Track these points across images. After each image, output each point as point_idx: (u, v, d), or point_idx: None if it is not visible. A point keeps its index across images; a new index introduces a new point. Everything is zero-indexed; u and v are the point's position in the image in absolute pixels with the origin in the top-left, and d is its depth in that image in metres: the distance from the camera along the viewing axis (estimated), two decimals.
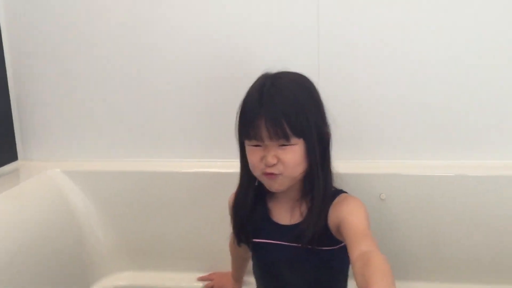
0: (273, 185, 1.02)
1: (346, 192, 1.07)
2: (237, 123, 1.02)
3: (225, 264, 1.36)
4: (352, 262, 0.83)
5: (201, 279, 1.42)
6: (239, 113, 1.01)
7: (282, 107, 0.96)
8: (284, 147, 0.98)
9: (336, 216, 0.99)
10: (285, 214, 1.08)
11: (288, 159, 0.98)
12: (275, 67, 1.03)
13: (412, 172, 1.30)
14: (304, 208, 1.05)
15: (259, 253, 1.12)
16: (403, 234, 1.32)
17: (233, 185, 1.11)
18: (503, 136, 1.32)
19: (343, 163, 1.17)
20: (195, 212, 1.42)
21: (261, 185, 1.07)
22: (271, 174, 0.99)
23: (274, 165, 0.98)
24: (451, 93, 1.31)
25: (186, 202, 1.42)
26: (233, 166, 1.11)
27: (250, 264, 1.24)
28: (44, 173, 1.43)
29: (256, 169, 1.01)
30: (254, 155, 1.01)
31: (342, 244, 1.02)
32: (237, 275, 1.35)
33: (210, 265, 1.45)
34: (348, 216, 0.95)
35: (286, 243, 1.05)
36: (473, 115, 1.31)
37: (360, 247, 0.84)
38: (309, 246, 1.00)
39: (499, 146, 1.32)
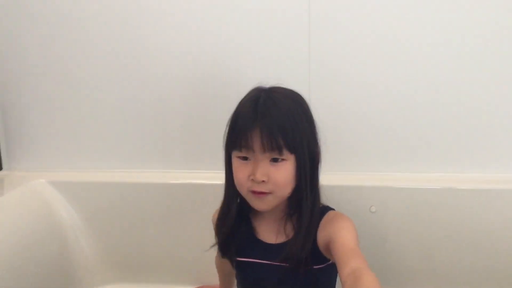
0: (259, 205, 0.98)
1: (333, 209, 1.06)
2: (226, 134, 0.99)
3: (212, 276, 1.34)
4: (342, 281, 0.82)
5: None
6: (229, 123, 0.98)
7: (278, 120, 0.93)
8: (275, 163, 0.94)
9: (324, 235, 0.98)
10: (270, 233, 1.05)
11: (279, 178, 0.94)
12: (264, 81, 1.01)
13: (402, 184, 1.30)
14: (290, 226, 1.02)
15: (244, 272, 1.09)
16: (393, 246, 1.31)
17: (220, 197, 1.08)
18: (493, 150, 1.32)
19: (333, 175, 1.17)
20: (182, 223, 1.41)
21: (244, 201, 1.03)
22: (260, 193, 0.95)
23: (263, 182, 0.94)
24: (441, 107, 1.31)
25: (173, 214, 1.41)
26: (220, 178, 1.08)
27: None
28: (29, 184, 1.41)
29: (243, 186, 0.97)
30: (241, 171, 0.97)
31: (330, 262, 1.01)
32: None
33: (197, 278, 1.43)
34: (337, 234, 0.93)
35: (272, 263, 1.02)
36: (463, 128, 1.32)
37: (350, 264, 0.83)
38: (297, 266, 0.98)
39: (489, 159, 1.33)
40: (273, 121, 0.93)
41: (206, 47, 1.37)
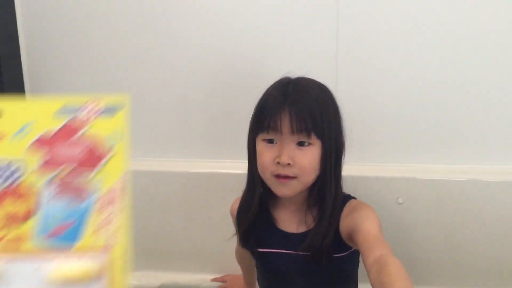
0: (283, 190, 0.97)
1: (355, 198, 1.06)
2: (253, 117, 0.99)
3: (237, 265, 1.35)
4: (367, 268, 0.82)
5: (214, 280, 1.41)
6: (257, 106, 0.98)
7: (308, 104, 0.94)
8: (301, 147, 0.94)
9: (347, 224, 0.98)
10: (291, 222, 1.05)
11: (305, 161, 0.94)
12: (290, 73, 1.02)
13: (430, 176, 1.29)
14: (311, 216, 1.02)
15: (265, 262, 1.10)
16: (420, 238, 1.31)
17: (242, 186, 1.09)
18: None
19: (360, 166, 1.16)
20: (207, 212, 1.42)
21: (264, 192, 1.03)
22: (285, 177, 0.94)
23: (288, 166, 0.93)
24: (467, 97, 1.30)
25: (198, 203, 1.42)
26: (243, 167, 1.08)
27: None
28: None
29: (267, 170, 0.96)
30: (266, 154, 0.96)
31: (352, 249, 1.02)
32: (249, 281, 1.33)
33: (221, 267, 1.44)
34: (361, 223, 0.93)
35: (294, 252, 1.02)
36: (489, 119, 1.30)
37: (374, 253, 0.83)
38: (319, 255, 0.98)
39: None
40: (303, 105, 0.93)
41: (231, 38, 1.36)
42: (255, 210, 1.04)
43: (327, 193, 0.98)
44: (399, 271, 0.76)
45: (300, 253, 1.00)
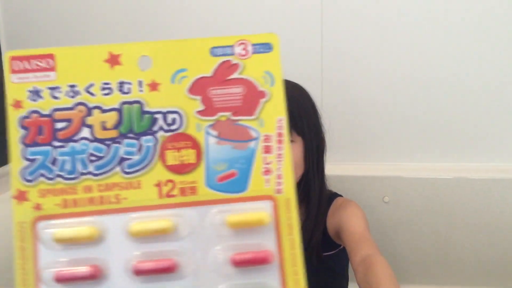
0: None
1: (341, 196, 1.06)
2: None
3: None
4: (353, 268, 0.82)
5: None
6: None
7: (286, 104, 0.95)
8: None
9: (334, 222, 0.99)
10: None
11: None
12: None
13: (416, 174, 1.28)
14: (300, 214, 1.03)
15: None
16: (407, 237, 1.30)
17: None
18: (505, 139, 1.31)
19: (346, 165, 1.15)
20: None
21: None
22: None
23: None
24: (453, 96, 1.29)
25: None
26: None
27: None
28: None
29: None
30: None
31: (341, 247, 1.02)
32: None
33: None
34: (347, 221, 0.94)
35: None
36: (475, 117, 1.30)
37: (360, 252, 0.83)
38: (307, 252, 0.98)
39: (503, 149, 1.31)
40: None
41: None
42: None
43: (312, 190, 0.99)
44: (385, 271, 0.75)
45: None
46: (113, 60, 0.45)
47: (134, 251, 0.43)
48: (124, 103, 0.44)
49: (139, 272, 0.42)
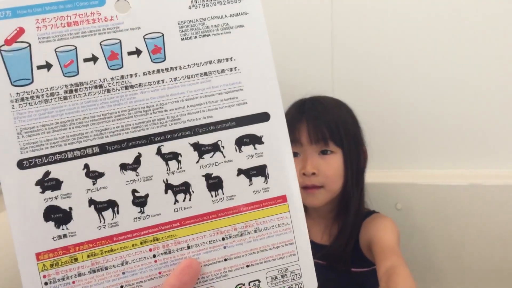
0: (313, 201, 1.00)
1: (378, 212, 1.07)
2: None
3: None
4: (379, 279, 0.83)
5: None
6: None
7: (323, 115, 0.99)
8: (324, 156, 0.98)
9: (366, 235, 0.99)
10: (317, 232, 1.07)
11: (329, 169, 0.97)
12: (287, 78, 1.05)
13: (428, 181, 1.28)
14: (336, 228, 1.04)
15: None
16: (420, 244, 1.30)
17: None
18: None
19: None
20: None
21: None
22: (312, 187, 0.98)
23: (314, 175, 0.97)
24: (466, 102, 1.29)
25: None
26: None
27: None
28: None
29: None
30: None
31: (374, 266, 1.01)
32: None
33: None
34: (378, 233, 0.96)
35: (315, 261, 1.01)
36: (489, 123, 1.29)
37: (386, 262, 0.84)
38: (336, 265, 0.99)
39: None
40: (320, 116, 0.99)
41: None
42: None
43: (350, 202, 1.01)
44: (406, 281, 0.76)
45: (321, 262, 1.02)
46: None
47: None
48: None
49: None
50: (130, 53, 0.45)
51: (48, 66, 0.44)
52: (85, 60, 0.44)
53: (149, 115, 0.45)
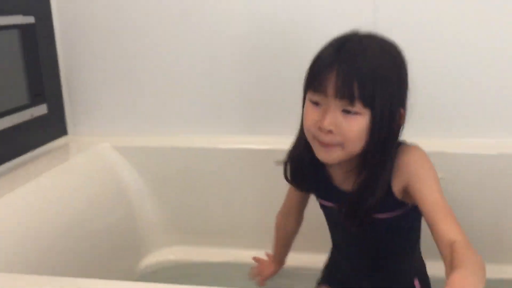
0: (324, 156, 0.89)
1: (405, 144, 0.94)
2: (307, 71, 0.90)
3: (271, 240, 1.35)
4: (437, 245, 0.80)
5: (255, 259, 1.33)
6: (312, 59, 0.90)
7: (359, 66, 0.84)
8: (347, 115, 0.84)
9: (400, 179, 0.90)
10: (344, 179, 0.97)
11: (348, 131, 0.84)
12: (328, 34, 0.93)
13: (472, 151, 1.26)
14: (363, 174, 0.92)
15: (324, 214, 1.06)
16: (463, 215, 1.27)
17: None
18: None
19: None
20: (243, 188, 1.42)
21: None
22: (327, 144, 0.86)
23: (329, 133, 0.85)
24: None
25: (235, 179, 1.42)
26: (283, 143, 1.05)
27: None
28: (94, 148, 1.44)
29: (309, 132, 0.89)
30: (310, 114, 0.88)
31: (408, 206, 0.94)
32: (280, 255, 1.25)
33: (255, 242, 1.44)
34: (416, 183, 0.87)
35: (342, 208, 0.95)
36: None
37: (447, 234, 0.79)
38: (372, 214, 0.91)
39: None
40: (353, 67, 0.84)
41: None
42: (307, 165, 0.98)
43: (376, 161, 0.89)
44: (476, 265, 0.73)
45: (347, 209, 0.94)
46: None
47: None
48: None
49: None
50: None
51: None
52: None
53: None
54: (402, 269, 1.04)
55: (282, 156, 1.03)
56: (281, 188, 1.11)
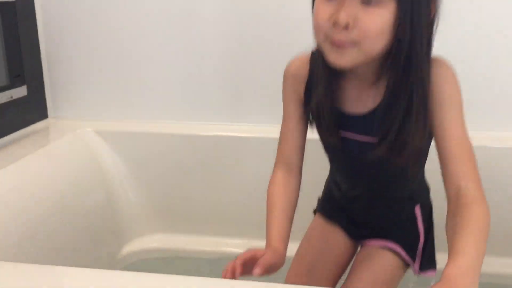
0: (337, 59, 0.74)
1: (437, 59, 0.80)
2: None
3: (256, 228, 1.33)
4: (444, 180, 0.74)
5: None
6: None
7: None
8: (367, 6, 0.70)
9: (430, 100, 0.78)
10: (355, 101, 0.83)
11: (369, 23, 0.71)
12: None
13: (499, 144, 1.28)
14: (380, 89, 0.79)
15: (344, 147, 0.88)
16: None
17: (264, 151, 1.06)
18: None
19: None
20: (226, 175, 1.41)
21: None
22: (341, 44, 0.72)
23: (346, 27, 0.70)
24: None
25: (218, 166, 1.41)
26: (268, 131, 1.01)
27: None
28: (75, 132, 1.41)
29: (320, 31, 0.74)
30: (322, 11, 0.73)
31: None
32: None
33: (239, 230, 1.43)
34: (438, 112, 0.76)
35: (359, 136, 0.84)
36: None
37: (458, 179, 0.72)
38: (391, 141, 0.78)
39: None
40: None
41: None
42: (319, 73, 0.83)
43: (395, 67, 0.76)
44: (480, 221, 0.68)
45: (364, 136, 0.83)
46: None
47: None
48: None
49: None
50: None
51: None
52: None
53: None
54: (404, 197, 0.95)
55: (265, 144, 1.01)
56: (264, 176, 1.09)
